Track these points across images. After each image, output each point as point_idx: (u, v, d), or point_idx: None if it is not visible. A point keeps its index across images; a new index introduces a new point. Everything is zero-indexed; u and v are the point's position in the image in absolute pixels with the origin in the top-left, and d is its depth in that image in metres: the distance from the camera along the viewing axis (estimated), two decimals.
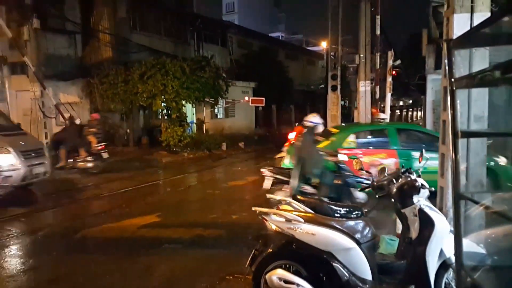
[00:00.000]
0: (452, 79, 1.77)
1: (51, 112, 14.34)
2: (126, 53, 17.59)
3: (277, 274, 3.25)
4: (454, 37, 4.16)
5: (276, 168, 6.86)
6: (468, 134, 2.42)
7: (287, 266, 3.37)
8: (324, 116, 18.11)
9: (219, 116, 21.75)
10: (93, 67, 16.57)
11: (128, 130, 16.98)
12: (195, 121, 18.63)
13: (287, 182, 6.28)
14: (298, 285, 3.20)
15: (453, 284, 3.28)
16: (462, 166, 3.83)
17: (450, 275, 3.30)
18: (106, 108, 16.19)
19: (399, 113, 31.51)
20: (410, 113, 35.33)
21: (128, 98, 15.47)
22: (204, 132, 17.86)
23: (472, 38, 1.90)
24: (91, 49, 17.55)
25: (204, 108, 18.32)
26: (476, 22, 4.14)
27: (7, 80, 14.09)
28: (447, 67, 1.84)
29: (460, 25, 4.19)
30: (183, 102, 15.74)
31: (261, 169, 6.70)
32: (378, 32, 13.64)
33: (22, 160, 7.99)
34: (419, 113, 34.30)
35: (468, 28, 4.09)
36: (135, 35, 18.41)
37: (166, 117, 16.15)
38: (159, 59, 15.21)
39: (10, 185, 7.95)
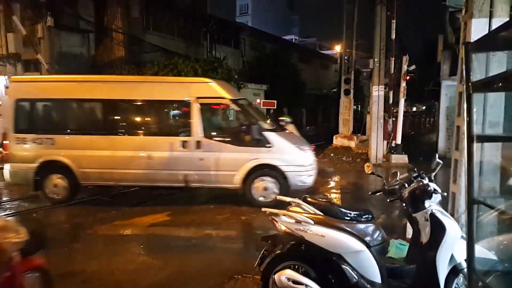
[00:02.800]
0: (469, 83, 1.76)
1: None
2: (138, 53, 17.76)
3: (286, 274, 3.25)
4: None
5: None
6: (483, 139, 2.40)
7: (296, 267, 3.37)
8: (336, 120, 18.11)
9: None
10: (106, 66, 16.72)
11: None
12: None
13: None
14: (306, 285, 3.20)
15: None
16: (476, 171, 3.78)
17: (460, 280, 3.27)
18: None
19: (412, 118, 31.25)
20: (422, 119, 34.97)
21: None
22: None
23: (491, 42, 1.88)
24: (104, 48, 17.75)
25: None
26: (494, 27, 4.09)
27: None
28: (464, 71, 1.83)
29: (478, 30, 4.14)
30: None
31: None
32: (393, 36, 13.55)
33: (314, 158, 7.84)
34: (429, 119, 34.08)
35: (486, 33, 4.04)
36: (148, 35, 18.59)
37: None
38: (172, 60, 15.30)
39: (310, 185, 7.65)
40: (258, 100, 20.00)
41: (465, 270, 3.11)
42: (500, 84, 1.59)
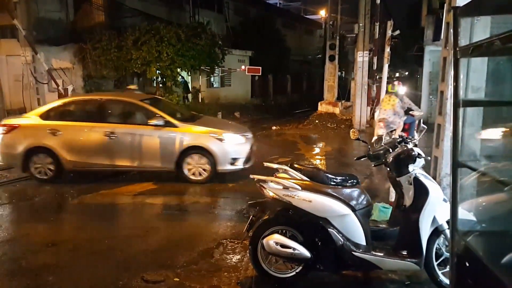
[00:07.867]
0: (457, 48, 1.77)
1: (43, 77, 14.10)
2: (119, 18, 17.16)
3: (274, 239, 3.34)
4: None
5: None
6: (469, 103, 2.44)
7: (284, 231, 3.46)
8: (321, 87, 18.08)
9: (215, 85, 21.52)
10: (86, 32, 16.14)
11: None
12: (190, 90, 18.47)
13: None
14: (294, 249, 3.30)
15: (443, 249, 3.40)
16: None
17: (441, 241, 3.41)
18: (99, 74, 15.92)
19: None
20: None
21: (121, 65, 15.19)
22: (200, 101, 17.74)
23: (479, 6, 1.88)
24: (84, 13, 17.06)
25: (200, 76, 18.10)
26: None
27: None
28: (452, 36, 1.83)
29: None
30: (178, 70, 15.52)
31: None
32: (378, 1, 13.38)
33: None
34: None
35: None
36: None
37: (161, 85, 15.96)
38: (154, 25, 14.86)
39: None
40: (243, 67, 19.77)
41: (447, 231, 3.25)
42: (488, 50, 1.60)
